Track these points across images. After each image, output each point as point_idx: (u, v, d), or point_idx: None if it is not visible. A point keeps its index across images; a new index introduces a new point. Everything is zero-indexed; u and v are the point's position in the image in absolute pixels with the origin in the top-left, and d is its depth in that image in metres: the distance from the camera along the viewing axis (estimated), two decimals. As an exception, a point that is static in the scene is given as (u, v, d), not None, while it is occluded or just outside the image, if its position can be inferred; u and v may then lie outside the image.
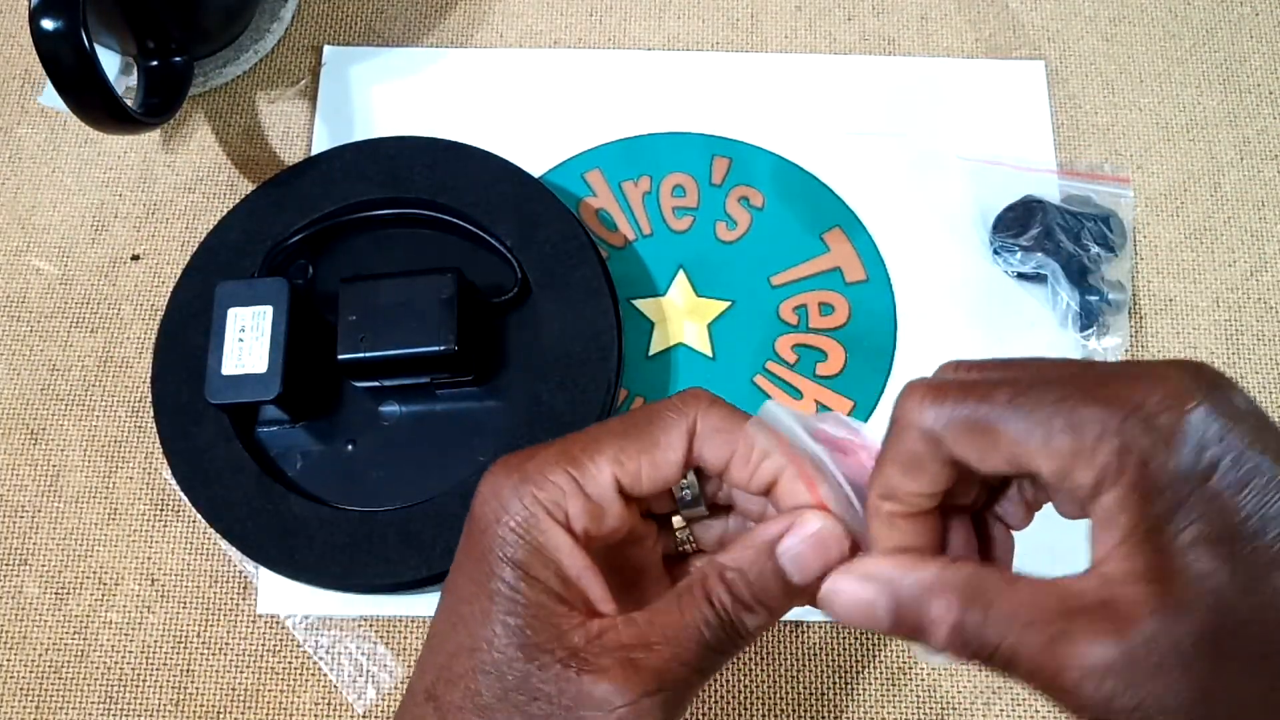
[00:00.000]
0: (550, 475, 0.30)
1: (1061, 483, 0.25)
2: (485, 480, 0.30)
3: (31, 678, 0.46)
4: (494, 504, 0.30)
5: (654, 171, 0.53)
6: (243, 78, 0.56)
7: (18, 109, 0.56)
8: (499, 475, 0.30)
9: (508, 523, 0.29)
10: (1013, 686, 0.45)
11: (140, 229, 0.53)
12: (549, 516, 0.29)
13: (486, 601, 0.29)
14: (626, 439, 0.30)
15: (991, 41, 0.56)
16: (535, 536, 0.29)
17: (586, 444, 0.30)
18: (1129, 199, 0.52)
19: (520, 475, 0.30)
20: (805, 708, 0.45)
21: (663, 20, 0.56)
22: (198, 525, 0.47)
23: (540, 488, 0.29)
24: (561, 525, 0.29)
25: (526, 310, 0.48)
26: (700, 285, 0.51)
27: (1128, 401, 0.24)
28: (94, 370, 0.50)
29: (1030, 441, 0.25)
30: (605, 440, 0.30)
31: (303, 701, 0.45)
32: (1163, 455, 0.23)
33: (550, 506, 0.29)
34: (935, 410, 0.26)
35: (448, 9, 0.57)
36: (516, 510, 0.29)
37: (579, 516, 0.29)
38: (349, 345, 0.44)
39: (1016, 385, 0.26)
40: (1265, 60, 0.55)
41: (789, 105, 0.54)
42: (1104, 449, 0.24)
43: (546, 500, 0.29)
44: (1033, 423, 0.25)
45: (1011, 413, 0.25)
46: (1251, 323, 0.51)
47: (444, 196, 0.49)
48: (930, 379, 0.27)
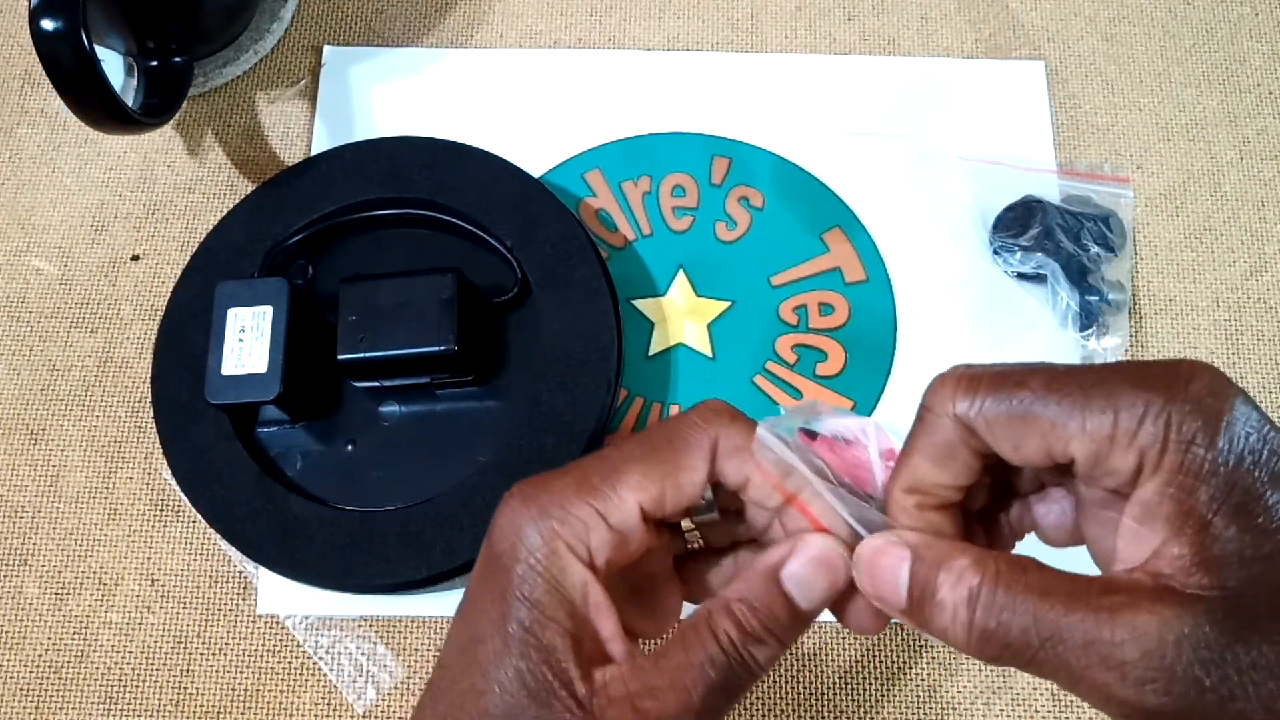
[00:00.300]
0: (573, 509, 0.29)
1: (1097, 469, 0.24)
2: (503, 512, 0.30)
3: (31, 678, 0.46)
4: (514, 539, 0.29)
5: (654, 171, 0.53)
6: (243, 78, 0.56)
7: (18, 109, 0.56)
8: (518, 507, 0.29)
9: (527, 560, 0.29)
10: (1013, 687, 0.45)
11: (140, 229, 0.53)
12: (570, 553, 0.29)
13: (500, 643, 0.28)
14: (649, 464, 0.30)
15: (991, 41, 0.56)
16: (554, 575, 0.28)
17: (608, 472, 0.30)
18: (1129, 199, 0.52)
19: (539, 508, 0.29)
20: (805, 708, 0.45)
21: (663, 20, 0.56)
22: (198, 525, 0.47)
23: (562, 522, 0.29)
24: (582, 561, 0.29)
25: (526, 310, 0.48)
26: (700, 285, 0.51)
27: (1172, 385, 0.24)
28: (94, 370, 0.50)
29: (1068, 425, 0.24)
30: (627, 467, 0.30)
31: (303, 701, 0.45)
32: (1209, 438, 0.23)
33: (572, 542, 0.29)
34: (969, 399, 0.26)
35: (448, 9, 0.57)
36: (537, 547, 0.29)
37: (601, 549, 0.29)
38: (349, 345, 0.44)
39: (1050, 372, 0.25)
40: (1265, 60, 0.55)
41: (789, 105, 0.54)
42: (1146, 431, 0.23)
43: (569, 536, 0.29)
44: (1070, 406, 0.24)
45: (1048, 397, 0.25)
46: (1251, 323, 0.51)
47: (444, 196, 0.49)
48: (959, 370, 0.27)
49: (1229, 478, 0.23)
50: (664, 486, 0.30)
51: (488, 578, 0.29)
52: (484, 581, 0.29)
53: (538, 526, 0.29)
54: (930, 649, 0.45)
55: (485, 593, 0.29)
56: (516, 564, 0.29)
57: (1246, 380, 0.49)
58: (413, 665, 0.45)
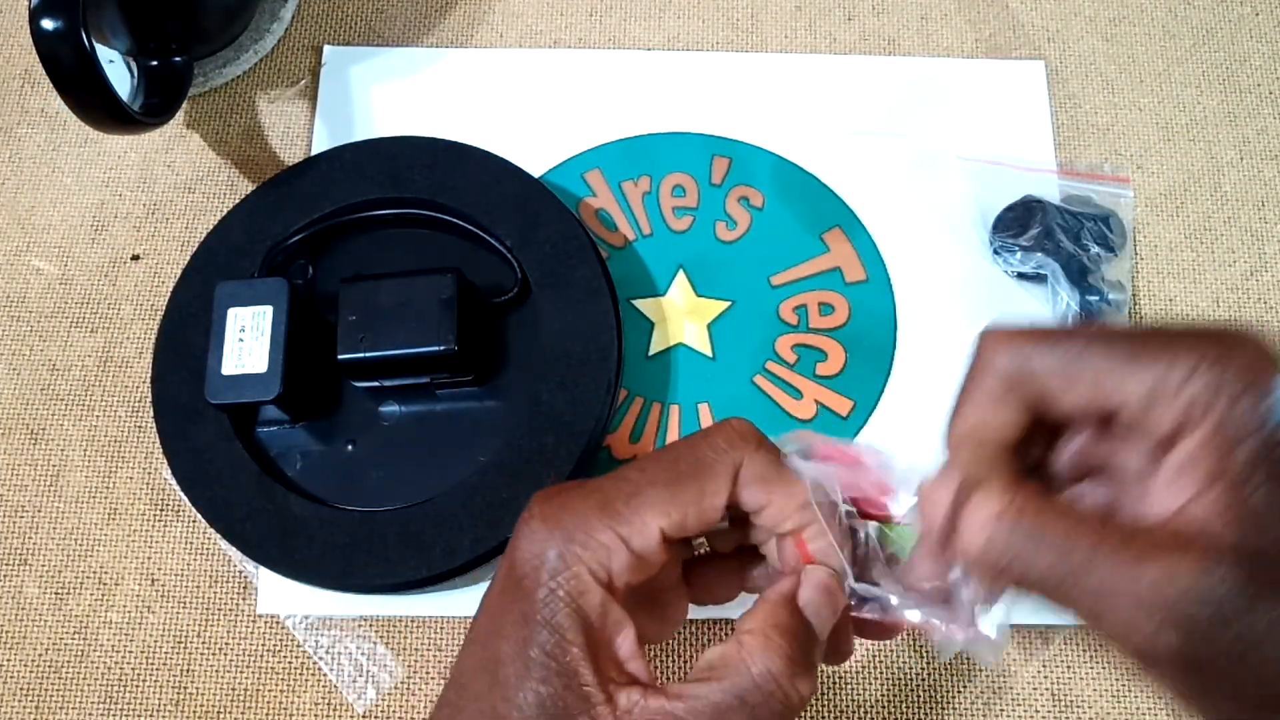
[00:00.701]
0: (595, 533, 0.29)
1: (1141, 420, 0.25)
2: (525, 534, 0.30)
3: (31, 678, 0.46)
4: (536, 562, 0.29)
5: (654, 171, 0.53)
6: (243, 78, 0.56)
7: (18, 109, 0.56)
8: (539, 530, 0.30)
9: (549, 583, 0.29)
10: (1014, 687, 0.45)
11: (140, 229, 0.53)
12: (592, 577, 0.29)
13: (522, 666, 0.28)
14: (673, 489, 0.30)
15: (991, 41, 0.56)
16: (576, 599, 0.29)
17: (630, 495, 0.30)
18: (1129, 199, 0.52)
19: (563, 532, 0.29)
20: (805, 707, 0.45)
21: (663, 20, 0.56)
22: (198, 525, 0.47)
23: (585, 546, 0.29)
24: (603, 585, 0.29)
25: (526, 310, 0.48)
26: (700, 285, 0.51)
27: (1223, 344, 0.24)
28: (94, 370, 0.50)
29: (1119, 372, 0.25)
30: (651, 492, 0.30)
31: (303, 701, 0.45)
32: (1255, 398, 0.23)
33: (594, 567, 0.29)
34: (1018, 349, 0.26)
35: (448, 9, 0.57)
36: (559, 570, 0.29)
37: (623, 572, 0.29)
38: (349, 345, 0.44)
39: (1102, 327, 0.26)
40: (1265, 60, 0.55)
41: (789, 105, 0.54)
42: (1195, 384, 0.24)
43: (592, 561, 0.29)
44: (1123, 355, 0.25)
45: (1097, 347, 0.25)
46: (1251, 322, 0.51)
47: (444, 196, 0.49)
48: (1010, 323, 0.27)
49: (1271, 438, 0.23)
50: (686, 512, 0.30)
51: (509, 599, 0.30)
52: (505, 602, 0.30)
53: (560, 551, 0.29)
54: (930, 649, 0.45)
55: (506, 614, 0.29)
56: (539, 588, 0.29)
57: (1246, 380, 0.49)
58: (413, 665, 0.45)
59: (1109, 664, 0.45)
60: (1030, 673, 0.45)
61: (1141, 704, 0.44)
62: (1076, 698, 0.44)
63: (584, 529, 0.29)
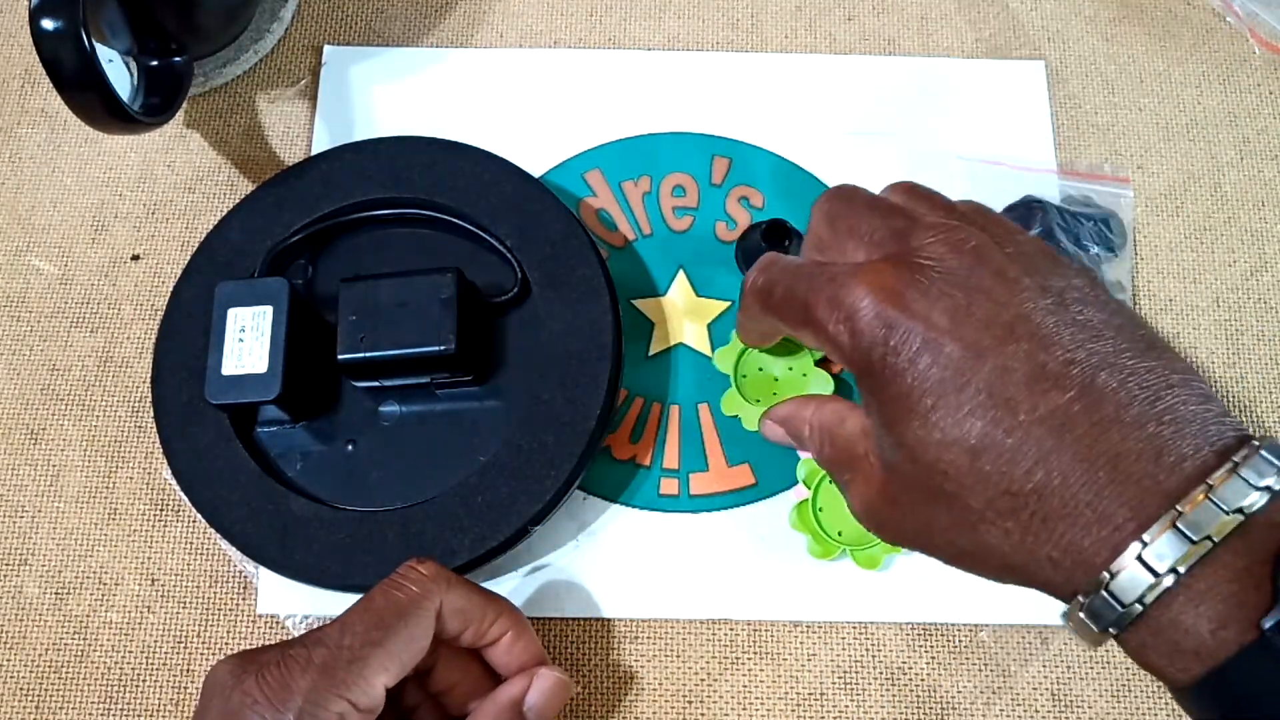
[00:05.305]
0: (329, 705, 0.32)
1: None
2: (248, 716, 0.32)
3: (31, 678, 0.46)
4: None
5: (654, 171, 0.53)
6: (243, 78, 0.56)
7: (18, 109, 0.56)
8: (266, 709, 0.32)
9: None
10: (1013, 687, 0.45)
11: (140, 229, 0.53)
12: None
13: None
14: (387, 646, 0.34)
15: (991, 41, 0.56)
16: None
17: (350, 661, 0.33)
18: (1129, 199, 0.52)
19: (296, 710, 0.32)
20: (805, 708, 0.45)
21: (663, 20, 0.56)
22: (198, 525, 0.47)
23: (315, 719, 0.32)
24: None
25: (526, 310, 0.48)
26: (700, 285, 0.51)
27: (835, 305, 0.31)
28: (94, 370, 0.50)
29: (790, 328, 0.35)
30: (367, 653, 0.33)
31: (303, 701, 0.45)
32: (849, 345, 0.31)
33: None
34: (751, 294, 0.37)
35: (448, 9, 0.57)
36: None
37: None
38: (349, 345, 0.44)
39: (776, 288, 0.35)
40: (1265, 60, 0.55)
41: (789, 105, 0.54)
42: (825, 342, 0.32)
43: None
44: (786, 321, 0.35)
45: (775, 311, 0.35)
46: (1251, 323, 0.51)
47: (444, 196, 0.49)
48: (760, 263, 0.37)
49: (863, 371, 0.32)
50: (402, 660, 0.34)
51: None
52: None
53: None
54: (930, 649, 0.45)
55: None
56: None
57: (1246, 380, 0.50)
58: (413, 665, 0.45)
59: (1109, 664, 0.45)
60: (1030, 673, 0.45)
61: (1142, 704, 0.44)
62: (1076, 698, 0.44)
63: (314, 702, 0.32)
